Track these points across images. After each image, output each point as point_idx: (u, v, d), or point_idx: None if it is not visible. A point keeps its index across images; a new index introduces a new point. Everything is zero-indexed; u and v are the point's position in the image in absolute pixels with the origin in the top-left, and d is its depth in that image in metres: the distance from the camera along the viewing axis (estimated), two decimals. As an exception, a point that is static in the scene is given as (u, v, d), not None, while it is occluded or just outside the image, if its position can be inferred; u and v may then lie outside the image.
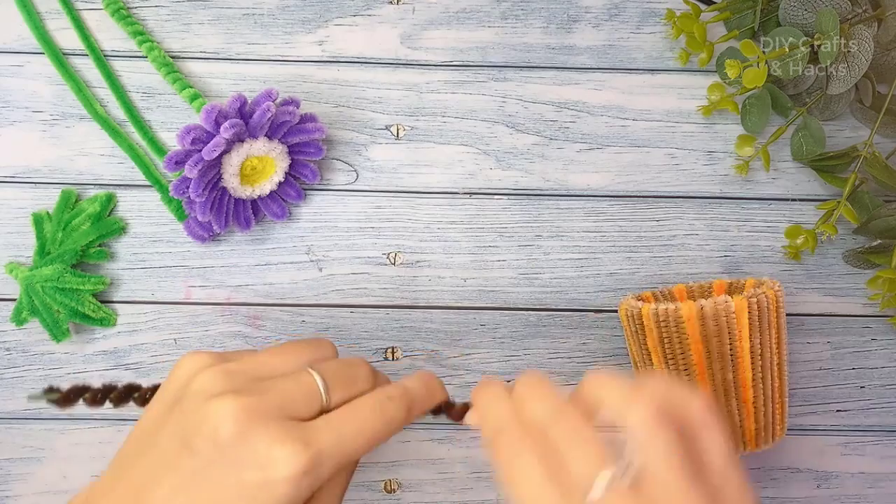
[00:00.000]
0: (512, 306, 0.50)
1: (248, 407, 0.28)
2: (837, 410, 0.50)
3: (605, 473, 0.25)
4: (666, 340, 0.42)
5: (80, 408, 0.48)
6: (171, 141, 0.50)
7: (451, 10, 0.52)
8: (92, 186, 0.49)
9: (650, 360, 0.43)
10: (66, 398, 0.31)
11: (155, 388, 0.32)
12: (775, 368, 0.43)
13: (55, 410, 0.48)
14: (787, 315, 0.49)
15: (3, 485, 0.48)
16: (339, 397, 0.31)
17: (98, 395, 0.32)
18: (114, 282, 0.49)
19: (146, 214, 0.49)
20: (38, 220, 0.48)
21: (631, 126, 0.51)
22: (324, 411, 0.30)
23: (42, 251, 0.47)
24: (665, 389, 0.28)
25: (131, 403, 0.33)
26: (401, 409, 0.31)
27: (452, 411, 0.34)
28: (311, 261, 0.50)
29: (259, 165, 0.46)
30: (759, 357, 0.42)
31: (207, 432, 0.27)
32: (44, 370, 0.48)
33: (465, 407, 0.34)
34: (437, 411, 0.34)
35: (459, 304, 0.49)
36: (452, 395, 0.35)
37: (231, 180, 0.45)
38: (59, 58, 0.50)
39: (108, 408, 0.32)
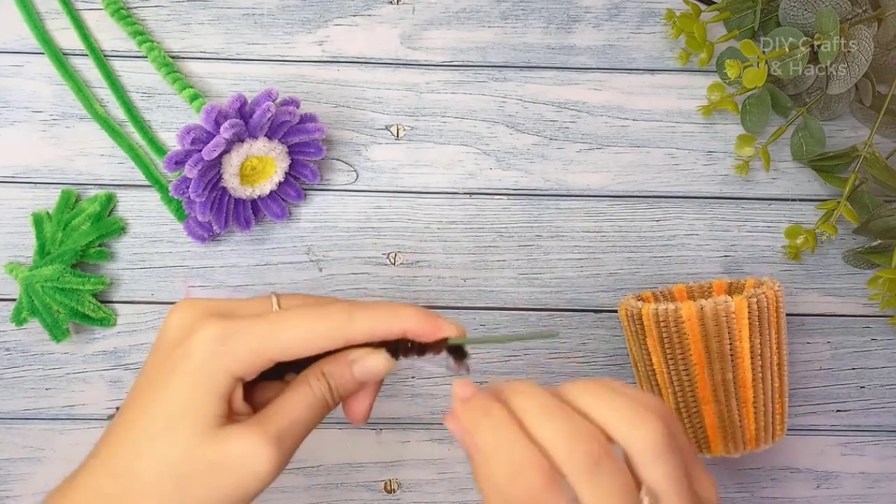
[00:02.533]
0: (512, 306, 0.50)
1: (196, 304, 0.30)
2: (837, 410, 0.50)
3: None
4: (666, 340, 0.42)
5: (80, 408, 0.48)
6: (171, 141, 0.50)
7: (451, 10, 0.52)
8: (92, 186, 0.49)
9: (650, 360, 0.43)
10: None
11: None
12: (775, 368, 0.43)
13: (55, 410, 0.48)
14: (787, 315, 0.49)
15: (3, 485, 0.48)
16: (289, 306, 0.32)
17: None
18: (114, 282, 0.49)
19: (146, 214, 0.49)
20: (38, 220, 0.48)
21: (631, 126, 0.51)
22: None
23: (42, 251, 0.47)
24: (668, 411, 0.28)
25: None
26: (341, 310, 0.30)
27: (425, 346, 0.31)
28: (311, 261, 0.50)
29: (259, 165, 0.46)
30: (759, 357, 0.42)
31: (160, 330, 0.31)
32: (44, 370, 0.48)
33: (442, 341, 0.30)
34: (405, 351, 0.31)
35: (459, 304, 0.49)
36: (448, 393, 0.35)
37: (231, 180, 0.45)
38: (59, 58, 0.50)
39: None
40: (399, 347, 0.31)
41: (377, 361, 0.31)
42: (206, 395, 0.28)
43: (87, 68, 0.50)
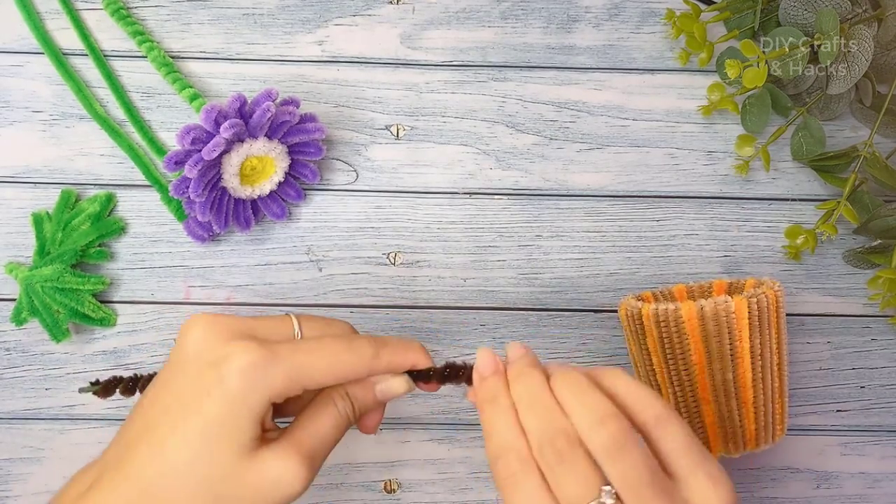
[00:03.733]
0: (512, 306, 0.50)
1: (218, 322, 0.31)
2: (837, 410, 0.50)
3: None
4: (666, 340, 0.42)
5: (80, 408, 0.48)
6: (171, 141, 0.50)
7: (451, 10, 0.52)
8: (92, 186, 0.49)
9: (650, 360, 0.43)
10: (104, 389, 0.35)
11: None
12: (775, 368, 0.43)
13: (55, 410, 0.48)
14: (787, 315, 0.49)
15: (3, 485, 0.48)
16: (310, 333, 0.33)
17: (129, 384, 0.35)
18: (114, 282, 0.49)
19: (146, 214, 0.49)
20: (38, 220, 0.48)
21: (631, 126, 0.51)
22: None
23: (42, 251, 0.47)
24: (625, 389, 0.30)
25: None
26: (369, 346, 0.32)
27: (445, 374, 0.34)
28: (311, 261, 0.50)
29: (259, 165, 0.46)
30: (759, 357, 0.42)
31: (180, 345, 0.31)
32: (44, 370, 0.48)
33: (459, 370, 0.34)
34: (426, 378, 0.34)
35: (459, 304, 0.49)
36: (448, 393, 0.35)
37: (231, 180, 0.45)
38: (59, 58, 0.50)
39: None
40: (420, 374, 0.34)
41: (399, 385, 0.34)
42: (244, 420, 0.29)
43: (87, 68, 0.50)
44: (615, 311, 0.50)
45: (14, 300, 0.48)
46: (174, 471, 0.29)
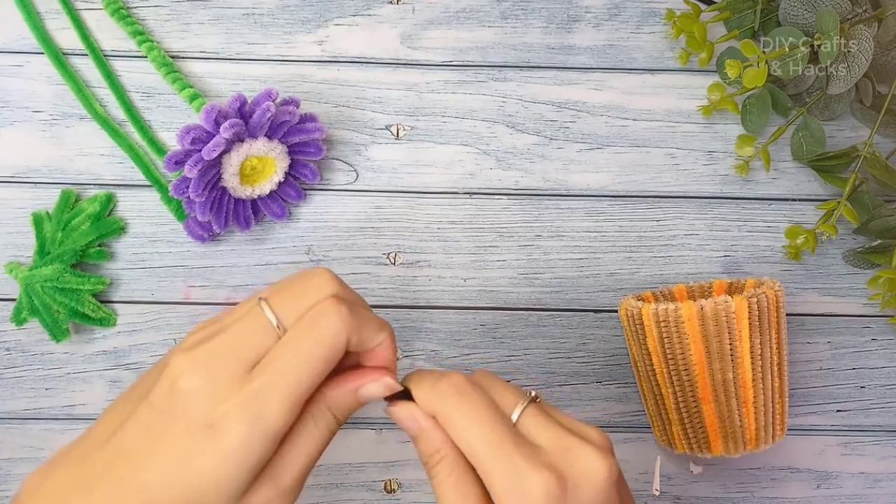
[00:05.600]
0: (512, 306, 0.50)
1: (199, 359, 0.29)
2: (837, 410, 0.50)
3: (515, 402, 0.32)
4: (666, 340, 0.42)
5: (81, 408, 0.48)
6: (171, 141, 0.50)
7: (451, 10, 0.52)
8: (92, 186, 0.49)
9: (650, 360, 0.43)
10: None
11: None
12: (775, 368, 0.43)
13: (55, 410, 0.48)
14: (787, 315, 0.49)
15: (3, 485, 0.48)
16: (291, 320, 0.30)
17: None
18: (114, 282, 0.49)
19: (146, 214, 0.49)
20: (38, 220, 0.48)
21: (631, 126, 0.51)
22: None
23: (42, 251, 0.47)
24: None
25: None
26: (332, 321, 0.30)
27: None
28: (311, 261, 0.50)
29: (259, 165, 0.46)
30: (759, 357, 0.42)
31: (163, 386, 0.29)
32: (44, 370, 0.48)
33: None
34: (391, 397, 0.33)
35: (459, 304, 0.49)
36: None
37: (231, 180, 0.45)
38: (59, 58, 0.50)
39: None
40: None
41: (378, 388, 0.32)
42: (242, 471, 0.28)
43: (87, 68, 0.50)
44: (615, 311, 0.50)
45: (14, 300, 0.48)
46: None
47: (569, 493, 0.29)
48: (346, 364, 0.32)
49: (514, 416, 0.31)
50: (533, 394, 0.32)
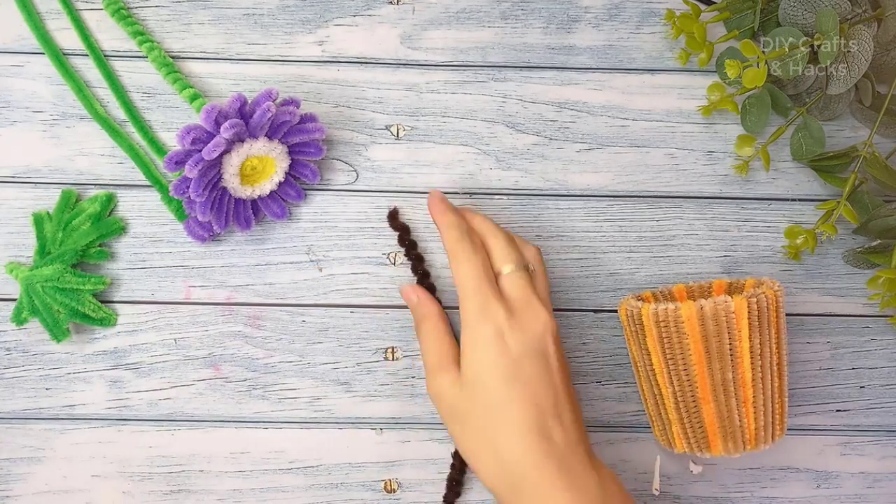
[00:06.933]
0: (512, 306, 0.50)
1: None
2: (837, 410, 0.50)
3: (510, 265, 0.43)
4: (666, 340, 0.42)
5: (81, 408, 0.48)
6: (171, 141, 0.50)
7: (451, 10, 0.52)
8: (92, 186, 0.49)
9: (650, 360, 0.44)
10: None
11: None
12: (775, 368, 0.43)
13: (55, 410, 0.48)
14: (787, 315, 0.49)
15: (3, 485, 0.48)
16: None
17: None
18: (114, 282, 0.49)
19: (146, 214, 0.49)
20: (39, 220, 0.48)
21: (631, 126, 0.51)
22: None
23: (42, 251, 0.47)
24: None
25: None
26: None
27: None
28: (311, 261, 0.50)
29: (259, 165, 0.46)
30: (759, 357, 0.42)
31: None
32: (44, 370, 0.48)
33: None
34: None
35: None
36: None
37: (231, 180, 0.45)
38: (59, 58, 0.50)
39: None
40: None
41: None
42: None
43: (87, 68, 0.50)
44: (615, 311, 0.50)
45: (14, 300, 0.48)
46: None
47: (515, 323, 0.41)
48: None
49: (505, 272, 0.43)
50: (530, 267, 0.44)
